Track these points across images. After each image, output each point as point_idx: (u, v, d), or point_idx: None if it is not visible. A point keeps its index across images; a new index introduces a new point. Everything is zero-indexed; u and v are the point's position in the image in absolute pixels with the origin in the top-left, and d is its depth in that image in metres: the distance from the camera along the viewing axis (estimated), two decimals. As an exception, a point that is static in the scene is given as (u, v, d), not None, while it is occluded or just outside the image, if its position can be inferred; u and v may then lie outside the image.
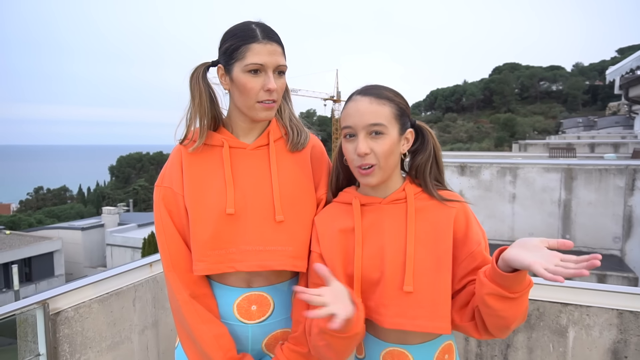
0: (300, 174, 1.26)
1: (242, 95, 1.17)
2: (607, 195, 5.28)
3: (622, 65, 9.15)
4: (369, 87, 1.14)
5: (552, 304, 1.77)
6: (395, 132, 1.11)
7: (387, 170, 1.12)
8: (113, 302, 1.82)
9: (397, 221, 1.13)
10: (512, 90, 76.97)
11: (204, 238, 1.16)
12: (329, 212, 1.22)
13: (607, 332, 1.70)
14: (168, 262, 1.19)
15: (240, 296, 1.21)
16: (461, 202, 1.14)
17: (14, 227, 32.87)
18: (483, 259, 1.08)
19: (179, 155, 1.24)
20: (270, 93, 1.16)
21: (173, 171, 1.23)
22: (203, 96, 1.19)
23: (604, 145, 11.99)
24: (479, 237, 1.10)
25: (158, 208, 1.22)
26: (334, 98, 55.61)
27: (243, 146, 1.24)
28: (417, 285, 1.06)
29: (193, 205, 1.18)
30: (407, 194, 1.14)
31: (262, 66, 1.14)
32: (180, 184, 1.21)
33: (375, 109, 1.09)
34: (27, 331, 1.61)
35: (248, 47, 1.13)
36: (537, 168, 5.62)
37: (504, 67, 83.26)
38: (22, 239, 24.42)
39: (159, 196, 1.22)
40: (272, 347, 1.25)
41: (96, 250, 27.44)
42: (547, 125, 57.89)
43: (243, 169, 1.22)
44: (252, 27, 1.16)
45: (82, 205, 51.61)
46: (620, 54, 58.59)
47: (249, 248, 1.17)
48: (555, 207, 5.49)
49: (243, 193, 1.20)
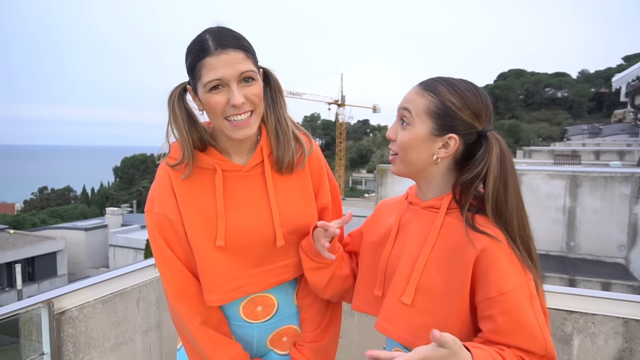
0: (300, 191, 1.21)
1: (211, 115, 1.08)
2: (612, 203, 5.25)
3: (628, 72, 9.14)
4: (432, 77, 1.05)
5: (557, 312, 1.76)
6: (423, 128, 1.01)
7: (408, 165, 1.05)
8: (117, 302, 1.83)
9: (423, 229, 1.05)
10: (516, 96, 76.80)
11: (213, 270, 1.13)
12: (392, 201, 1.23)
13: (612, 340, 1.69)
14: (174, 292, 1.13)
15: (245, 299, 1.21)
16: (495, 241, 0.94)
17: (18, 226, 32.99)
18: (502, 311, 0.90)
19: (167, 178, 1.14)
20: (237, 108, 1.05)
21: (164, 196, 1.14)
22: (179, 121, 1.10)
23: (609, 153, 11.96)
24: (502, 286, 0.91)
25: (153, 236, 1.14)
26: (338, 102, 55.65)
27: (237, 168, 1.15)
28: (417, 301, 1.02)
29: (194, 235, 1.12)
30: (441, 204, 1.04)
31: (220, 80, 1.03)
32: (174, 211, 1.12)
33: (412, 97, 1.03)
34: (31, 330, 1.62)
35: (202, 63, 1.02)
36: (542, 175, 5.61)
37: (509, 73, 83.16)
38: (26, 239, 24.51)
39: (152, 223, 1.14)
40: (276, 342, 1.27)
41: (99, 251, 27.51)
42: (552, 132, 57.72)
43: (239, 193, 1.15)
44: (205, 38, 1.04)
45: (85, 206, 51.78)
46: (627, 62, 58.38)
47: (259, 270, 1.17)
48: (560, 214, 5.47)
49: (240, 219, 1.14)
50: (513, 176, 0.98)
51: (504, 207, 0.96)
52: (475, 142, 1.02)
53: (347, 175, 62.51)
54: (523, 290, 0.92)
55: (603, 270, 5.01)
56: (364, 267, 1.21)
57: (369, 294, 1.16)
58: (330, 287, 1.21)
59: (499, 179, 0.96)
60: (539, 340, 0.91)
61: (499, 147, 0.98)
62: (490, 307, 0.93)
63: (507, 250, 0.94)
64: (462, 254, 0.97)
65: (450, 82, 1.02)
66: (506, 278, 0.92)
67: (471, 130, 1.01)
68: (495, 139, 0.99)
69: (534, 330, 0.91)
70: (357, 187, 64.47)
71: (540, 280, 0.99)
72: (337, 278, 1.21)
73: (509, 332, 0.91)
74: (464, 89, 1.01)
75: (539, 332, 0.91)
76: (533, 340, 0.91)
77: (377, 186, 7.14)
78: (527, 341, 0.91)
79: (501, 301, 0.91)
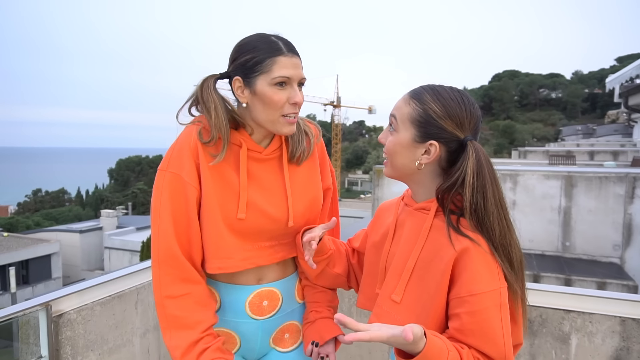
0: (309, 177, 1.30)
1: (267, 109, 1.15)
2: (607, 203, 5.29)
3: (622, 73, 9.21)
4: (422, 85, 1.09)
5: (555, 311, 1.77)
6: (407, 135, 1.05)
7: (396, 170, 1.09)
8: (115, 304, 1.82)
9: (415, 230, 1.09)
10: (511, 97, 77.17)
11: (227, 240, 1.18)
12: (391, 202, 1.27)
13: (609, 339, 1.70)
14: (178, 246, 1.14)
15: (252, 293, 1.26)
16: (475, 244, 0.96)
17: (11, 229, 32.75)
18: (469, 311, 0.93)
19: (193, 143, 1.16)
20: (295, 107, 1.17)
21: (184, 158, 1.16)
22: (219, 108, 1.16)
23: (603, 153, 12.04)
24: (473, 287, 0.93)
25: (160, 194, 1.14)
26: (334, 103, 55.69)
27: (259, 150, 1.23)
28: (405, 299, 1.05)
29: (213, 205, 1.16)
30: (431, 207, 1.07)
31: (288, 79, 1.14)
32: (191, 174, 1.15)
33: (400, 104, 1.07)
34: (29, 333, 1.61)
35: (274, 60, 1.13)
36: (537, 175, 5.64)
37: (504, 74, 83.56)
38: (20, 241, 24.33)
39: (164, 181, 1.15)
40: (278, 340, 1.32)
41: (94, 253, 27.35)
42: (547, 133, 58.03)
43: (258, 173, 1.23)
44: (275, 40, 1.16)
45: (80, 208, 51.49)
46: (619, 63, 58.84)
47: (268, 244, 1.25)
48: (556, 214, 5.50)
49: (258, 196, 1.21)
50: (493, 185, 0.99)
51: (484, 217, 0.98)
52: (458, 150, 1.04)
53: (343, 176, 62.55)
54: (493, 295, 0.93)
55: (598, 270, 5.04)
56: (367, 267, 1.24)
57: (372, 291, 1.19)
58: (320, 279, 1.32)
59: (475, 188, 0.98)
60: (499, 347, 0.92)
61: (475, 156, 0.99)
62: (458, 305, 0.95)
63: (485, 254, 0.96)
64: (443, 255, 0.99)
65: (436, 91, 1.04)
66: (478, 280, 0.94)
67: (453, 138, 1.02)
68: (473, 148, 1.01)
69: (496, 336, 0.92)
70: (352, 188, 64.50)
71: (521, 287, 1.00)
72: (327, 274, 1.30)
73: (472, 333, 0.93)
74: (448, 98, 1.03)
75: (501, 339, 0.92)
76: (494, 345, 0.92)
77: (374, 187, 7.15)
78: (488, 345, 0.92)
79: (470, 301, 0.93)
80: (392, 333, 0.82)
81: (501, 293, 0.94)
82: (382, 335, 0.82)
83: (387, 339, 0.82)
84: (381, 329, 0.83)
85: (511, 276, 0.97)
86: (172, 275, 1.14)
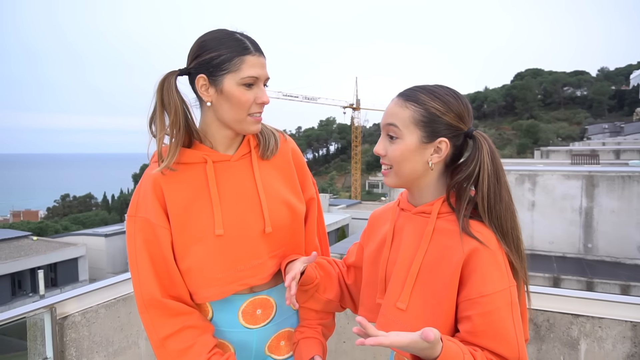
0: (284, 178, 1.27)
1: (234, 108, 1.13)
2: (631, 203, 5.11)
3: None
4: (409, 87, 1.08)
5: (563, 315, 1.71)
6: (413, 138, 1.02)
7: (403, 177, 1.05)
8: (120, 307, 1.85)
9: (416, 235, 1.06)
10: (534, 96, 75.63)
11: (212, 262, 1.14)
12: (384, 209, 1.25)
13: (620, 344, 1.64)
14: (159, 289, 1.12)
15: (245, 302, 1.22)
16: (483, 246, 0.95)
17: (41, 233, 33.83)
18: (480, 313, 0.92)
19: (152, 182, 1.15)
20: (262, 106, 1.16)
21: (148, 200, 1.15)
22: (179, 110, 1.11)
23: (629, 152, 11.66)
24: (484, 288, 0.92)
25: (133, 240, 1.14)
26: (353, 106, 55.65)
27: (226, 158, 1.20)
28: (411, 306, 1.02)
29: (188, 231, 1.14)
30: (432, 210, 1.05)
31: (256, 79, 1.12)
32: (158, 214, 1.14)
33: (395, 110, 1.04)
34: (36, 334, 1.65)
35: (242, 59, 1.10)
36: (557, 175, 5.49)
37: (526, 73, 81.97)
38: (48, 245, 25.08)
39: (134, 227, 1.15)
40: (274, 348, 1.28)
41: (119, 257, 27.96)
42: (572, 132, 56.63)
43: (228, 182, 1.19)
44: (241, 38, 1.13)
45: (106, 212, 52.84)
46: (648, 58, 56.93)
47: (259, 262, 1.20)
48: (577, 215, 5.35)
49: (233, 208, 1.17)
50: (503, 171, 1.02)
51: (498, 202, 0.98)
52: (462, 144, 1.05)
53: (363, 178, 62.35)
54: (504, 295, 0.93)
55: (622, 272, 4.87)
56: (366, 278, 1.21)
57: (373, 302, 1.16)
58: (310, 303, 1.27)
59: (492, 174, 0.99)
60: (512, 346, 0.91)
61: (488, 144, 1.01)
62: (469, 307, 0.94)
63: (495, 254, 0.95)
64: (451, 258, 0.98)
65: (429, 90, 1.04)
66: (489, 281, 0.93)
67: (457, 132, 1.03)
68: (483, 137, 1.02)
69: (509, 335, 0.91)
70: (373, 190, 64.24)
71: (526, 280, 1.01)
72: (317, 299, 1.26)
73: (485, 334, 0.92)
74: (444, 94, 1.03)
75: (514, 338, 0.91)
76: (507, 345, 0.91)
77: (390, 190, 7.10)
78: (501, 345, 0.91)
79: (481, 303, 0.92)
80: (411, 339, 0.80)
81: (511, 292, 0.94)
82: (402, 341, 0.80)
83: (407, 344, 0.80)
84: (399, 334, 0.82)
85: (518, 263, 0.97)
86: (162, 316, 1.13)
